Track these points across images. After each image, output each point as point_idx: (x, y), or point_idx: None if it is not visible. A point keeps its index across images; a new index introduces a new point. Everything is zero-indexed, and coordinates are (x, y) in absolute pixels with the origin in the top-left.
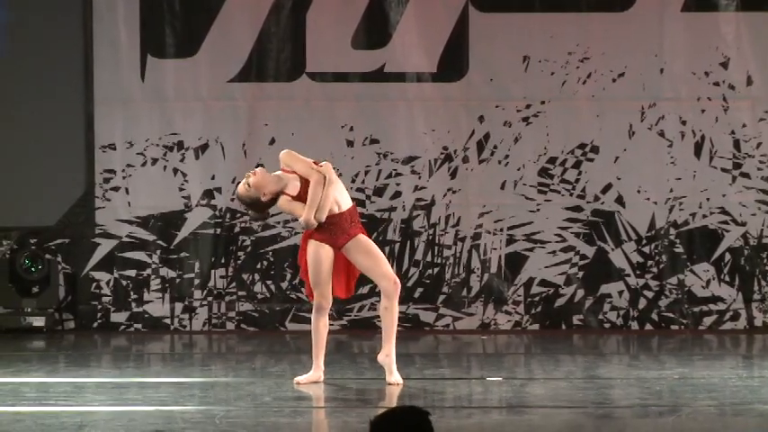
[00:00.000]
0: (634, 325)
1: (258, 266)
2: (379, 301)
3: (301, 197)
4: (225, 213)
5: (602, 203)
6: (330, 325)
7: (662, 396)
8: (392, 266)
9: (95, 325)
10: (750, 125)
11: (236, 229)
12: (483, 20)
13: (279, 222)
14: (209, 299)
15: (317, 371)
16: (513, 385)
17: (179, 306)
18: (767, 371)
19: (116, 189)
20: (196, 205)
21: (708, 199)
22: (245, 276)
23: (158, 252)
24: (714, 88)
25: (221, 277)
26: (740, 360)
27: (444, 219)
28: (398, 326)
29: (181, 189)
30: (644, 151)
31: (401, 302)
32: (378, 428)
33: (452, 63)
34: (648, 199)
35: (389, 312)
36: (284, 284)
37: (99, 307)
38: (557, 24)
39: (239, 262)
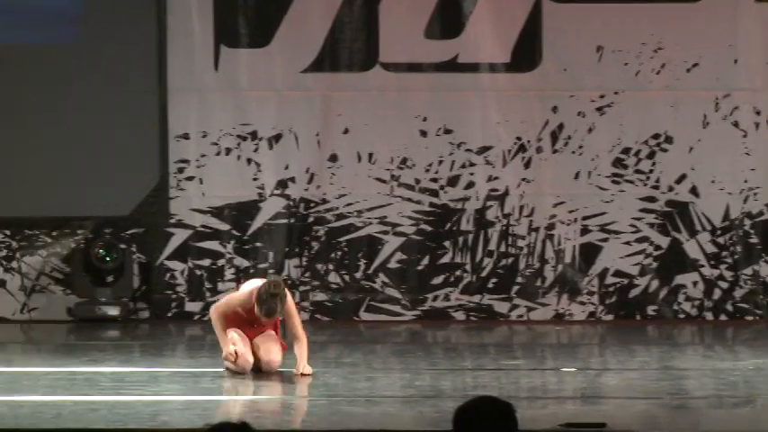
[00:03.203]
0: (708, 315)
1: (332, 256)
2: (452, 292)
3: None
4: (299, 203)
5: (677, 194)
6: (402, 315)
7: (737, 387)
8: (466, 257)
9: (170, 314)
10: None
11: (310, 219)
12: (556, 10)
13: (353, 213)
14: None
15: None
16: (587, 376)
17: None
18: None
19: (190, 179)
20: (270, 195)
21: None
22: (319, 266)
23: (232, 242)
24: None
25: (295, 267)
26: None
27: (518, 209)
28: (473, 315)
29: (255, 179)
30: (718, 141)
31: (475, 292)
32: (462, 418)
33: (526, 53)
34: (723, 189)
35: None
36: (358, 274)
37: (173, 296)
38: (630, 14)
39: (313, 252)
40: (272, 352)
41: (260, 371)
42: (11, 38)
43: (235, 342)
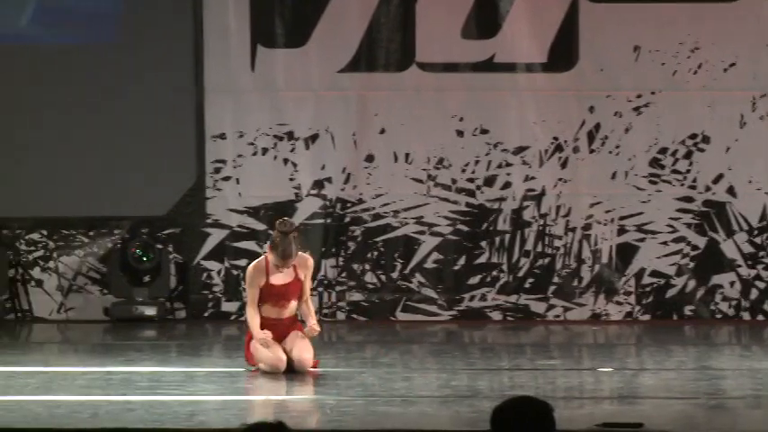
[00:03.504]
0: (746, 315)
1: (369, 256)
2: (488, 292)
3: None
4: (335, 203)
5: (714, 194)
6: (438, 315)
7: None
8: (502, 257)
9: (206, 314)
10: None
11: (347, 219)
12: (593, 9)
13: (389, 213)
14: (320, 289)
15: None
16: (624, 376)
17: None
18: None
19: (227, 179)
20: (306, 195)
21: None
22: (355, 266)
23: (269, 242)
24: None
25: (332, 267)
26: None
27: (555, 209)
28: (510, 315)
29: (291, 179)
30: (755, 141)
31: (512, 292)
32: (500, 418)
33: (563, 53)
34: (760, 189)
35: None
36: (394, 274)
37: (210, 296)
38: (667, 14)
39: (349, 252)
40: (303, 351)
41: (293, 371)
42: (48, 37)
43: (266, 341)
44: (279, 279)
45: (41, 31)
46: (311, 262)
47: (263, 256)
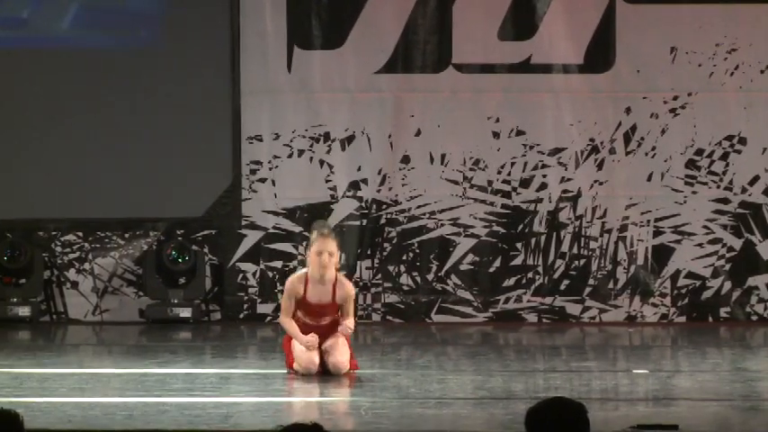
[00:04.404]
0: None
1: (404, 258)
2: (524, 294)
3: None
4: (371, 205)
5: (750, 195)
6: (474, 317)
7: None
8: (538, 259)
9: (242, 316)
10: None
11: (382, 221)
12: (630, 11)
13: (425, 214)
14: (355, 290)
15: None
16: (659, 378)
17: None
18: None
19: (262, 180)
20: (342, 197)
21: None
22: (390, 268)
23: (304, 243)
24: None
25: (367, 269)
26: None
27: (591, 210)
28: (545, 317)
29: (327, 180)
30: None
31: (548, 294)
32: (534, 420)
33: (599, 54)
34: None
35: None
36: (430, 276)
37: (245, 298)
38: (704, 15)
39: (385, 253)
40: (339, 354)
41: (329, 373)
42: (86, 41)
43: (312, 345)
44: (315, 297)
45: (80, 35)
46: (352, 291)
47: (304, 271)
